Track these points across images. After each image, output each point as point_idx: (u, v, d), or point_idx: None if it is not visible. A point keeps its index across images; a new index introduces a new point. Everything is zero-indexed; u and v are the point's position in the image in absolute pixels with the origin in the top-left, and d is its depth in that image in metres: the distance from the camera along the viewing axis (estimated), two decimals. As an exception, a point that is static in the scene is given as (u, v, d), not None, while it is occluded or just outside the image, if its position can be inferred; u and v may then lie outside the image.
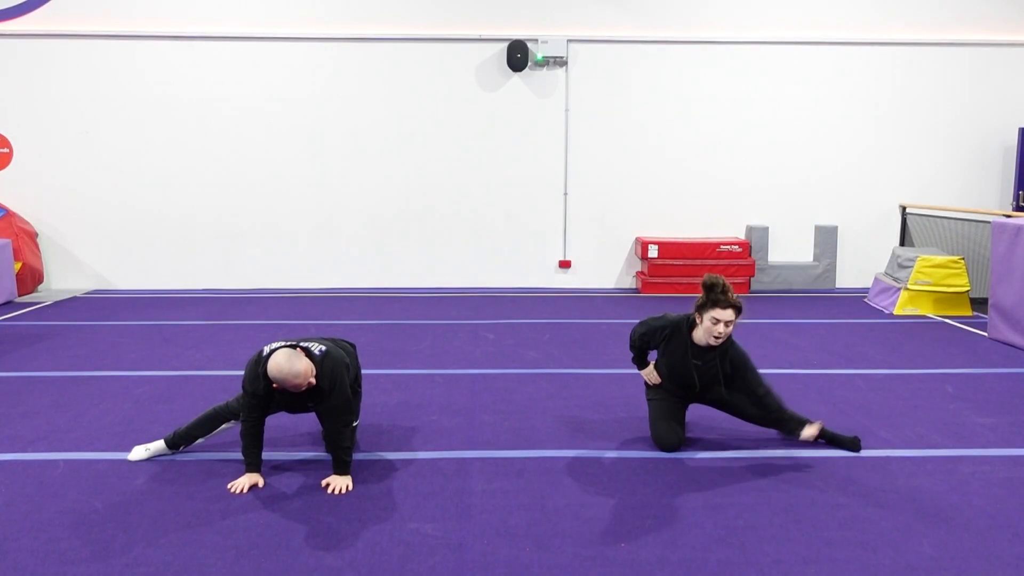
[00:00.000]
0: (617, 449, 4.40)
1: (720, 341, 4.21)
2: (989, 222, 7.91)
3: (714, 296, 4.13)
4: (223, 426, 4.23)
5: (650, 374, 4.48)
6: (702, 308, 4.20)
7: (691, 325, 4.31)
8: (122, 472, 4.05)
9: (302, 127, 9.91)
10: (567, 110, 9.97)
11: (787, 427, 4.38)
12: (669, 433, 4.35)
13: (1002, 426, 4.80)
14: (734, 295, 4.16)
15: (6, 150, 9.77)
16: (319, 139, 9.93)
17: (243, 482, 3.85)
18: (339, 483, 3.86)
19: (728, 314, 4.13)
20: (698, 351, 4.31)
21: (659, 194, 10.13)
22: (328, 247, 10.01)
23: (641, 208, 10.16)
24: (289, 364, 3.66)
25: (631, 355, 4.57)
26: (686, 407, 4.53)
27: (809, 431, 4.24)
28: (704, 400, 4.49)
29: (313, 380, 3.76)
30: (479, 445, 4.47)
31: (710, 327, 4.17)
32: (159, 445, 4.23)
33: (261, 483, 3.89)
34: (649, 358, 4.61)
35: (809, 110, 10.06)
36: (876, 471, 4.08)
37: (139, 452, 4.23)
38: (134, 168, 9.88)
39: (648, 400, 4.56)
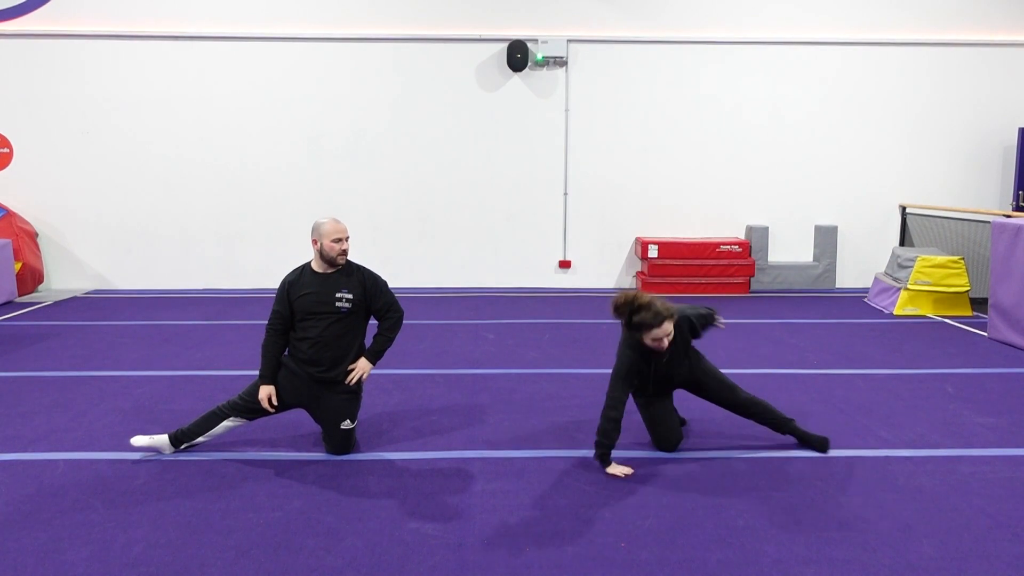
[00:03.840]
0: (617, 449, 4.39)
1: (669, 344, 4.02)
2: (989, 222, 7.90)
3: (640, 322, 3.89)
4: (224, 424, 4.26)
5: (618, 470, 4.02)
6: (638, 332, 3.94)
7: (638, 342, 4.02)
8: (122, 472, 4.06)
9: (302, 127, 9.90)
10: (567, 110, 9.97)
11: (773, 422, 4.37)
12: (670, 434, 4.36)
13: (1002, 426, 4.80)
14: (657, 308, 3.88)
15: (6, 150, 9.77)
16: (319, 139, 9.93)
17: (261, 395, 4.21)
18: (363, 366, 4.31)
19: (666, 328, 3.89)
20: (657, 354, 4.08)
21: (659, 194, 10.13)
22: (328, 247, 9.99)
23: (641, 208, 10.15)
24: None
25: (600, 445, 4.03)
26: (671, 398, 4.44)
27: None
28: (680, 384, 4.35)
29: (348, 246, 4.28)
30: (479, 445, 4.47)
31: (656, 344, 3.95)
32: (162, 439, 4.27)
33: (274, 396, 4.23)
34: None
35: (809, 110, 10.06)
36: (876, 471, 4.08)
37: (141, 440, 4.27)
38: (134, 168, 9.87)
39: (637, 403, 4.42)
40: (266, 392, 4.22)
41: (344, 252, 4.25)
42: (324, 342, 4.21)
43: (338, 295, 4.21)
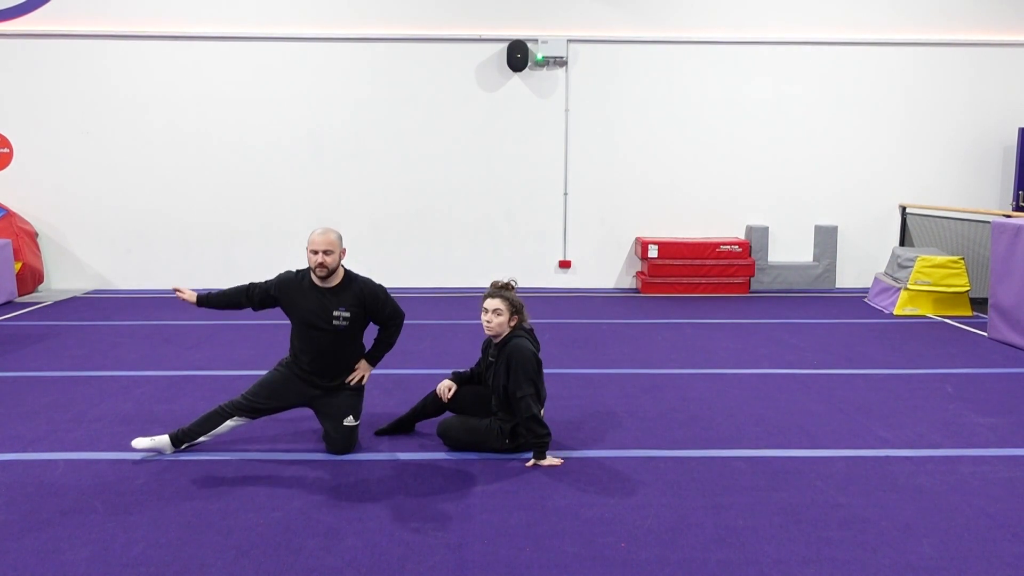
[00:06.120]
0: (617, 449, 4.40)
1: (491, 331, 4.29)
2: (989, 222, 7.90)
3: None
4: (225, 424, 4.27)
5: (555, 460, 4.18)
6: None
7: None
8: (122, 472, 4.06)
9: (302, 127, 9.90)
10: (567, 110, 9.97)
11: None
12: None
13: (1002, 426, 4.80)
14: (503, 288, 4.39)
15: (6, 150, 9.77)
16: (319, 139, 9.93)
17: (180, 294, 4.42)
18: (364, 367, 4.41)
19: (491, 303, 4.30)
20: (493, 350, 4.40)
21: (659, 194, 10.13)
22: (328, 247, 9.98)
23: (641, 208, 10.15)
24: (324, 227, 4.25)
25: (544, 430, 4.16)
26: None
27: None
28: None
29: (335, 259, 4.18)
30: (479, 445, 4.46)
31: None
32: (163, 440, 4.26)
33: (193, 299, 4.40)
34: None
35: (809, 110, 10.06)
36: (876, 471, 4.08)
37: (142, 442, 4.25)
38: (134, 168, 9.87)
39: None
40: (189, 296, 4.41)
41: (322, 265, 4.16)
42: (324, 356, 4.29)
43: (335, 313, 4.23)
